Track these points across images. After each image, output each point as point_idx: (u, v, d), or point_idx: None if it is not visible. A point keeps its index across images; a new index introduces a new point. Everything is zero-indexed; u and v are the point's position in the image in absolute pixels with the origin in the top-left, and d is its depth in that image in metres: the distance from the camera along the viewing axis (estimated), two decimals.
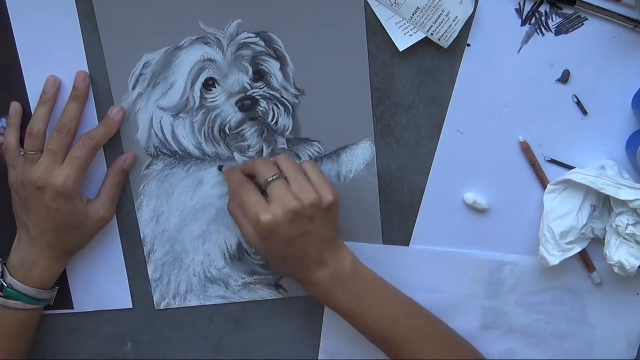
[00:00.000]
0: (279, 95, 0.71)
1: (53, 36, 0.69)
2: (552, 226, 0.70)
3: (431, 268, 0.75)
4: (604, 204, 0.71)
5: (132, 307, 0.78)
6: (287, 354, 0.80)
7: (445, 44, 0.68)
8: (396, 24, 0.67)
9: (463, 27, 0.67)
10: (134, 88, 0.71)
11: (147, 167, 0.74)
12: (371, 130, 0.72)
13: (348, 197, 0.73)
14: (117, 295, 0.77)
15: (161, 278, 0.77)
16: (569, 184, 0.70)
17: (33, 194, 0.67)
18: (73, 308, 0.77)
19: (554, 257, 0.71)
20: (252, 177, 0.68)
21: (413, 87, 0.71)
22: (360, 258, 0.70)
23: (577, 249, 0.71)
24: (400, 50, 0.68)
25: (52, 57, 0.70)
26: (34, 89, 0.71)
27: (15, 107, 0.70)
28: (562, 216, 0.70)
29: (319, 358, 0.79)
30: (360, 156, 0.73)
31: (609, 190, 0.68)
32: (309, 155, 0.73)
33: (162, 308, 0.78)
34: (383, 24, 0.68)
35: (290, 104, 0.71)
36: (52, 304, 0.74)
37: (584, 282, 0.75)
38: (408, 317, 0.70)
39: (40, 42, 0.69)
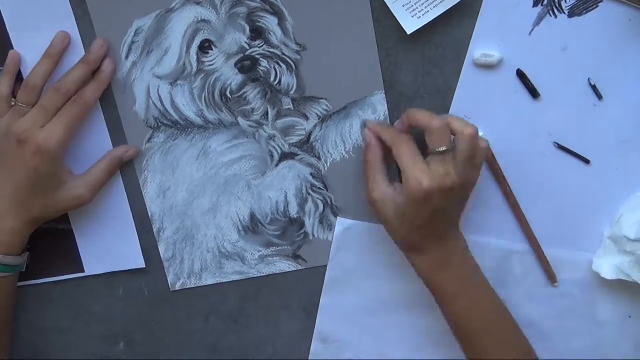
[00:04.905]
0: (279, 53, 0.67)
1: (42, 9, 0.66)
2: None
3: None
4: None
5: (144, 266, 0.74)
6: (287, 353, 0.78)
7: None
8: (403, 6, 0.65)
9: (472, 7, 0.64)
10: (127, 57, 0.68)
11: (149, 141, 0.70)
12: (380, 81, 0.68)
13: (360, 159, 0.70)
14: (128, 255, 0.74)
15: (174, 257, 0.74)
16: None
17: (13, 147, 0.64)
18: (84, 271, 0.74)
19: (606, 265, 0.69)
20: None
21: (417, 76, 0.68)
22: (360, 238, 0.68)
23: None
24: (408, 33, 0.65)
25: (42, 28, 0.66)
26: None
27: (13, 55, 0.67)
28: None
29: (313, 340, 0.77)
30: (371, 110, 0.69)
31: None
32: (317, 115, 0.69)
33: (177, 289, 0.75)
34: (389, 6, 0.65)
35: (292, 61, 0.67)
36: (24, 270, 0.70)
37: (595, 277, 0.72)
38: (498, 316, 0.69)
39: (29, 15, 0.66)
